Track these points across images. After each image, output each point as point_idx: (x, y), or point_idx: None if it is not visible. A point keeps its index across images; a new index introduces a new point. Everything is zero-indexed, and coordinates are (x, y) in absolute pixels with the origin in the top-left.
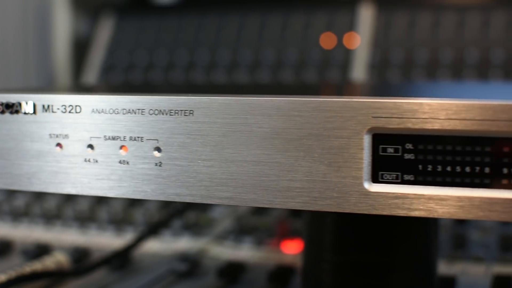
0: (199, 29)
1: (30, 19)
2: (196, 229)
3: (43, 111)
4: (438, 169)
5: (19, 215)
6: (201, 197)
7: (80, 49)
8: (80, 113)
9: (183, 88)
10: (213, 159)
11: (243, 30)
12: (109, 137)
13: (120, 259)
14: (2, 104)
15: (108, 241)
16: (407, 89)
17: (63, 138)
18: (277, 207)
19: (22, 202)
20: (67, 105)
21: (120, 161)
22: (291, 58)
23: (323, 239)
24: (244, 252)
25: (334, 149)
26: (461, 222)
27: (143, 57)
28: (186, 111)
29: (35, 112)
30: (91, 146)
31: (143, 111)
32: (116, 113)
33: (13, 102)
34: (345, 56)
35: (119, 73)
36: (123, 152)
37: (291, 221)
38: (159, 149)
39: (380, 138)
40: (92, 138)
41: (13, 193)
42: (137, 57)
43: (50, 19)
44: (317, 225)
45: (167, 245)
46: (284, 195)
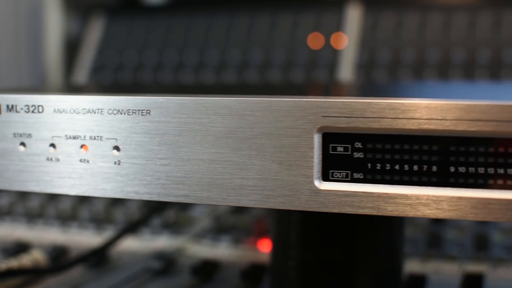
0: (188, 29)
1: (22, 19)
2: (175, 228)
3: (8, 111)
4: (386, 167)
5: (2, 214)
6: (158, 195)
7: (71, 49)
8: (42, 113)
9: (162, 88)
10: (170, 158)
11: (232, 30)
12: (70, 136)
13: (97, 257)
14: None
15: (88, 239)
16: (387, 89)
17: (27, 137)
18: (231, 204)
19: (5, 201)
20: (30, 105)
21: (80, 159)
22: (279, 58)
23: (289, 237)
24: (221, 250)
25: (285, 148)
26: (437, 221)
27: (132, 57)
28: (143, 111)
29: None
30: (53, 145)
31: (102, 110)
32: (76, 113)
33: None
34: (333, 56)
35: (108, 73)
36: (83, 151)
37: (269, 220)
38: (118, 148)
39: (330, 137)
40: (54, 137)
41: None
42: (127, 57)
43: (41, 19)
44: (284, 223)
45: (145, 243)
46: (237, 193)
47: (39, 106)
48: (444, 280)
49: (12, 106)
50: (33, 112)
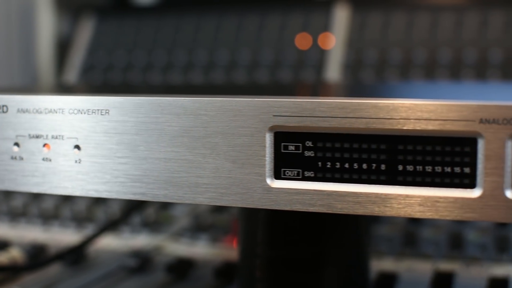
0: (177, 30)
1: (13, 20)
2: (155, 226)
3: None
4: (336, 166)
5: None
6: (117, 193)
7: (63, 49)
8: (7, 113)
9: (144, 88)
10: (128, 157)
11: (220, 31)
12: (33, 135)
13: (74, 255)
14: None
15: (68, 238)
16: (367, 89)
17: None
18: (187, 202)
19: None
20: None
21: (43, 158)
22: (267, 58)
23: (255, 235)
24: (198, 249)
25: (238, 146)
26: (413, 220)
27: (122, 58)
28: (102, 111)
29: None
30: (17, 144)
31: (63, 110)
32: (39, 112)
33: None
34: (320, 56)
35: (98, 73)
36: (46, 149)
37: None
38: (78, 147)
39: (281, 136)
40: (18, 136)
41: None
42: (116, 58)
43: (33, 19)
44: (250, 221)
45: (125, 242)
46: (192, 190)
47: (3, 106)
48: (415, 278)
49: None
50: None
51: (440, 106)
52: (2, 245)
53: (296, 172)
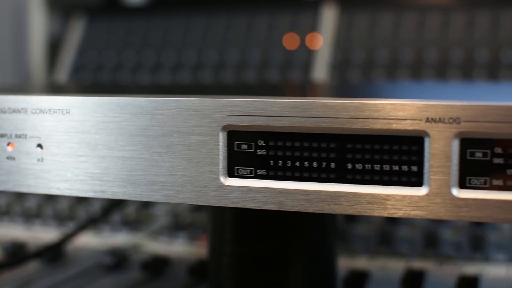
0: (166, 30)
1: (5, 19)
2: (135, 225)
3: None
4: (288, 164)
5: None
6: (78, 191)
7: (54, 49)
8: None
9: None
10: (88, 155)
11: (209, 31)
12: None
13: (52, 253)
14: None
15: (50, 236)
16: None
17: None
18: (144, 200)
19: None
20: None
21: (7, 157)
22: (255, 58)
23: (223, 232)
24: (175, 247)
25: (193, 145)
26: (389, 219)
27: (112, 58)
28: (63, 110)
29: None
30: None
31: (26, 110)
32: (3, 112)
33: None
34: (308, 56)
35: (88, 73)
36: (10, 148)
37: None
38: (41, 146)
39: (234, 135)
40: None
41: None
42: (106, 58)
43: (25, 19)
44: (218, 219)
45: (104, 240)
46: (150, 188)
47: None
48: (387, 276)
49: None
50: None
51: (387, 105)
52: None
53: (249, 170)
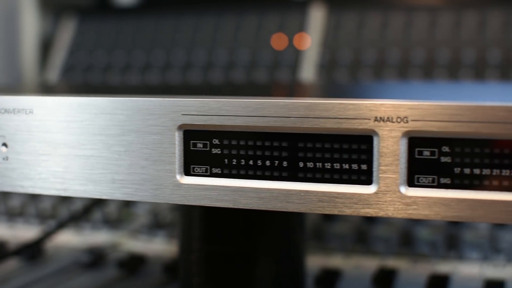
0: (155, 31)
1: None
2: (116, 223)
3: None
4: (241, 163)
5: None
6: (41, 189)
7: (46, 49)
8: None
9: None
10: (50, 154)
11: (198, 31)
12: None
13: (31, 251)
14: None
15: (31, 235)
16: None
17: None
18: (104, 197)
19: None
20: None
21: None
22: (243, 58)
23: (192, 230)
24: (154, 245)
25: (150, 144)
26: (367, 218)
27: (102, 58)
28: (27, 110)
29: None
30: None
31: None
32: None
33: None
34: (295, 56)
35: (78, 73)
36: None
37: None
38: (5, 145)
39: (190, 134)
40: None
41: None
42: (96, 58)
43: (17, 19)
44: (187, 217)
45: (85, 238)
46: (110, 186)
47: None
48: (359, 274)
49: None
50: None
51: (337, 104)
52: None
53: (204, 168)
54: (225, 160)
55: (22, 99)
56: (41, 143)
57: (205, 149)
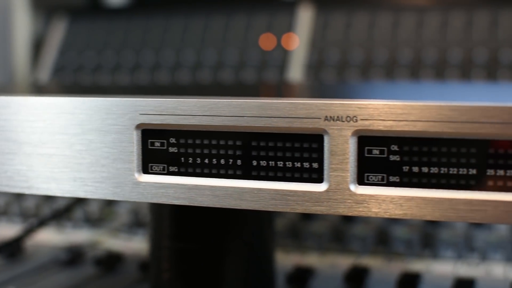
0: (145, 31)
1: None
2: (97, 222)
3: None
4: (197, 161)
5: None
6: (7, 187)
7: (37, 49)
8: None
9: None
10: (15, 153)
11: (187, 31)
12: None
13: (11, 248)
14: None
15: (13, 233)
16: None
17: None
18: (67, 195)
19: None
20: None
21: None
22: (231, 58)
23: (161, 227)
24: (133, 243)
25: (110, 143)
26: (344, 218)
27: (92, 58)
28: None
29: None
30: None
31: None
32: None
33: None
34: (283, 56)
35: (69, 73)
36: None
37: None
38: None
39: (148, 133)
40: None
41: None
42: (87, 58)
43: (9, 19)
44: (156, 214)
45: (66, 236)
46: (72, 185)
47: None
48: (332, 272)
49: None
50: None
51: (288, 104)
52: None
53: (161, 167)
54: (182, 158)
55: None
56: (6, 142)
57: (162, 148)
